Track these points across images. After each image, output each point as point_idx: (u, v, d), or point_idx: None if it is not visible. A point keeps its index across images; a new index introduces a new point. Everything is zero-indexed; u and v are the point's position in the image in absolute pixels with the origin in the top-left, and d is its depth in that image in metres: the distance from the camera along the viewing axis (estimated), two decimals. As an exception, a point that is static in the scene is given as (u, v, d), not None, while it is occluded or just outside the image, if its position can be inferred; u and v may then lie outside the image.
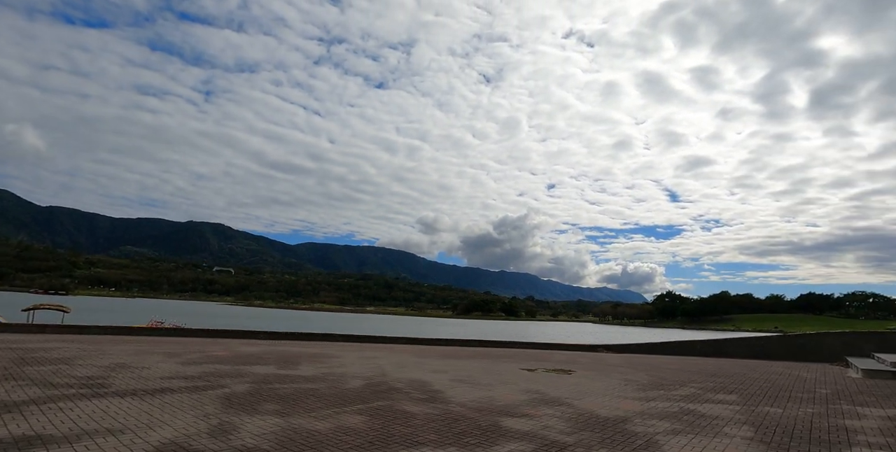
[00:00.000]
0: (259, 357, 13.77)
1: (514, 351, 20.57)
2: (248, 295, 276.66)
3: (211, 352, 14.23)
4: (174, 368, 10.68)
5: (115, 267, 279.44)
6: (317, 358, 14.16)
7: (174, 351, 13.91)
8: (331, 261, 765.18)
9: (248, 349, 15.87)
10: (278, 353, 14.97)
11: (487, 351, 19.98)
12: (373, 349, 18.30)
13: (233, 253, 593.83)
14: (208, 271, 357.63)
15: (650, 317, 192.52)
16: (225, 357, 13.37)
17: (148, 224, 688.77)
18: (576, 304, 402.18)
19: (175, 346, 15.49)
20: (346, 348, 18.17)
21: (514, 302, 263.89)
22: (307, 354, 15.18)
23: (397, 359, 15.08)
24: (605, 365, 16.08)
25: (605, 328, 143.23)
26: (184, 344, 16.74)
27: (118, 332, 17.94)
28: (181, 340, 18.01)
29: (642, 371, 14.61)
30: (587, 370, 14.57)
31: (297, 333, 20.66)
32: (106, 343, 15.29)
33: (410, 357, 16.25)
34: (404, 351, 18.16)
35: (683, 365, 16.91)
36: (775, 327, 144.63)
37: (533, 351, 20.91)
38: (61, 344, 14.19)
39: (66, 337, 16.28)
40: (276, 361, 12.94)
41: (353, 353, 16.25)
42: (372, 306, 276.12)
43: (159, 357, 12.53)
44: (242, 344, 17.97)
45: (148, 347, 14.73)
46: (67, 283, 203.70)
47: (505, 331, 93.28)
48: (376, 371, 12.13)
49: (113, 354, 12.45)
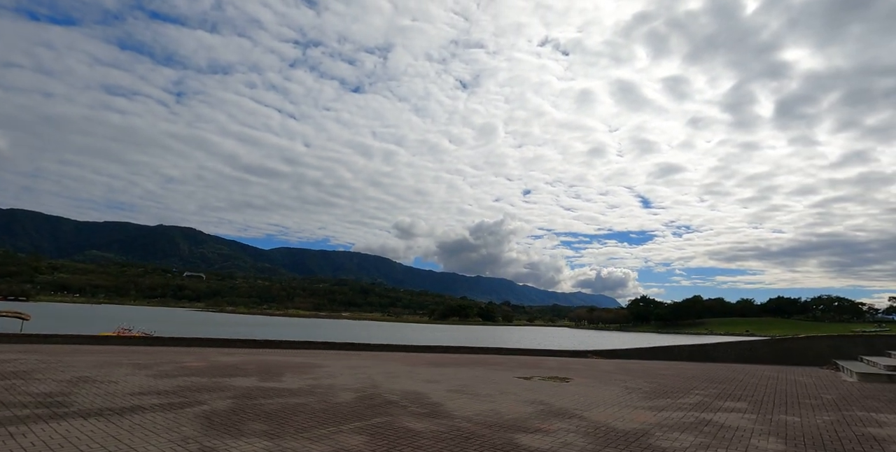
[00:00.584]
0: (238, 367, 12.85)
1: (503, 358, 19.99)
2: (219, 300, 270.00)
3: (185, 363, 13.25)
4: (145, 382, 9.74)
5: (79, 273, 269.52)
6: (301, 369, 13.31)
7: (144, 363, 12.89)
8: (305, 266, 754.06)
9: (225, 359, 14.90)
10: (259, 363, 14.05)
11: (476, 359, 19.34)
12: (359, 357, 17.48)
13: (204, 257, 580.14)
14: (178, 276, 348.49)
15: (625, 321, 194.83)
16: (201, 368, 12.43)
17: (115, 228, 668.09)
18: (551, 309, 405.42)
19: (145, 357, 14.42)
20: (331, 356, 17.31)
21: (490, 308, 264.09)
22: (290, 364, 14.30)
23: (386, 368, 14.33)
24: (600, 372, 15.62)
25: (582, 332, 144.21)
26: (154, 354, 15.65)
27: (83, 341, 16.71)
28: (152, 350, 16.88)
29: (639, 377, 14.18)
30: (584, 377, 14.07)
31: (276, 341, 19.67)
32: (68, 354, 14.13)
33: (399, 365, 15.51)
34: (392, 360, 17.39)
35: (677, 370, 16.57)
36: (746, 330, 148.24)
37: (522, 358, 20.36)
38: (17, 355, 13.01)
39: (24, 347, 15.02)
40: (257, 372, 12.06)
41: (338, 362, 15.43)
42: (347, 312, 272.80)
43: (128, 369, 11.52)
44: (219, 353, 16.94)
45: (115, 358, 13.65)
46: (28, 289, 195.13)
47: (486, 337, 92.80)
48: (367, 382, 11.38)
49: (76, 366, 11.40)
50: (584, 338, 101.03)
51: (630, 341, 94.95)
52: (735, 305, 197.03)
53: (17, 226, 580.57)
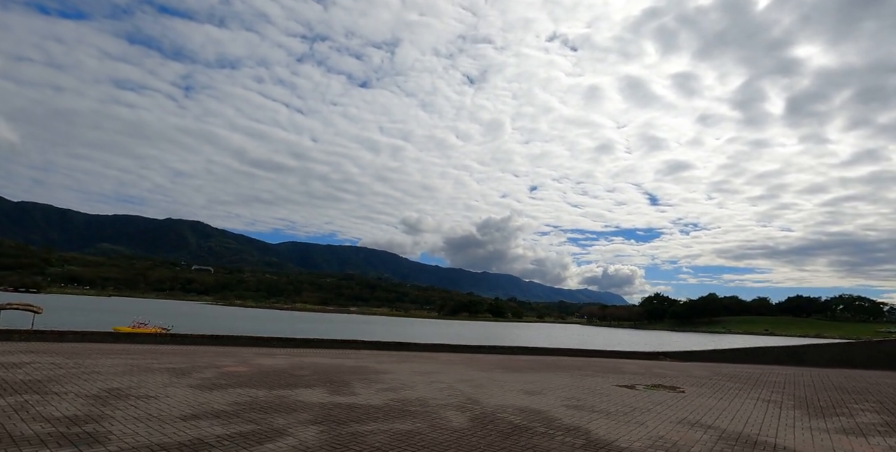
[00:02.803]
0: (290, 373, 10.72)
1: (570, 361, 17.79)
2: (227, 294, 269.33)
3: (225, 367, 11.13)
4: (192, 396, 7.61)
5: (90, 265, 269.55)
6: (363, 375, 11.17)
7: (179, 367, 10.77)
8: (312, 261, 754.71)
9: (267, 361, 12.77)
10: (310, 368, 11.92)
11: (543, 361, 17.16)
12: (416, 359, 15.33)
13: (212, 251, 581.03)
14: (187, 270, 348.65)
15: (638, 319, 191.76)
16: (247, 374, 10.31)
17: (125, 221, 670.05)
18: (558, 305, 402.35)
19: (176, 359, 12.32)
20: (384, 358, 15.17)
21: (499, 304, 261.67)
22: (346, 368, 12.15)
23: (459, 375, 12.17)
24: (701, 378, 13.40)
25: (599, 330, 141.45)
26: (184, 354, 13.55)
27: (100, 339, 14.68)
28: (179, 350, 14.79)
29: (759, 386, 11.94)
30: (692, 385, 11.88)
31: (314, 340, 17.55)
32: (88, 355, 12.05)
33: (469, 369, 13.36)
34: (453, 361, 15.25)
35: (785, 376, 14.28)
36: (766, 329, 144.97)
37: (593, 360, 18.14)
38: (30, 357, 10.93)
39: (38, 346, 12.98)
40: (317, 381, 9.92)
41: (399, 366, 13.28)
42: (355, 306, 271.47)
43: (163, 376, 9.41)
44: (255, 353, 14.83)
45: (143, 360, 11.56)
46: (40, 281, 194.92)
47: (510, 335, 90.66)
48: (456, 394, 9.23)
49: (100, 373, 9.30)
50: (608, 337, 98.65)
51: (650, 340, 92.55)
52: (751, 304, 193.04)
53: (29, 218, 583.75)
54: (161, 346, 14.72)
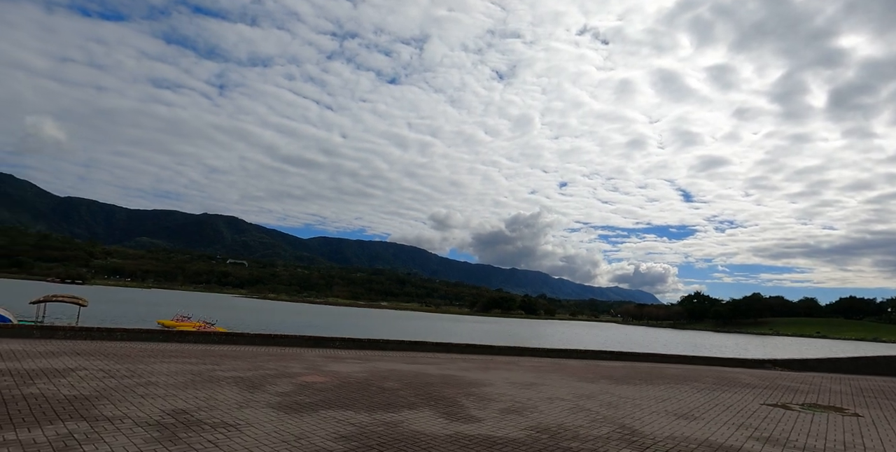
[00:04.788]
0: (378, 386, 8.83)
1: (674, 369, 15.47)
2: (261, 287, 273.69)
3: (299, 376, 9.33)
4: (279, 424, 5.76)
5: (131, 258, 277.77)
6: (463, 388, 9.20)
7: (246, 375, 9.01)
8: (342, 256, 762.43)
9: (342, 368, 10.94)
10: (394, 377, 10.03)
11: (639, 368, 14.91)
12: (500, 365, 13.31)
13: (246, 245, 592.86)
14: (222, 263, 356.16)
15: (677, 319, 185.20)
16: (328, 386, 8.46)
17: (163, 216, 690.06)
18: (588, 303, 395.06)
19: (239, 364, 10.60)
20: (463, 364, 13.19)
21: (531, 301, 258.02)
22: (436, 378, 10.21)
23: (567, 386, 10.10)
24: (853, 396, 10.95)
25: (644, 330, 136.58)
26: (245, 357, 11.86)
27: (150, 337, 13.17)
28: (236, 351, 13.14)
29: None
30: (860, 407, 9.49)
31: (379, 341, 15.73)
32: (141, 357, 10.44)
33: (570, 379, 11.28)
34: (541, 368, 13.19)
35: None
36: (817, 332, 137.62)
37: (692, 368, 15.79)
38: (77, 360, 9.35)
39: (83, 345, 11.49)
40: (416, 397, 7.99)
41: (489, 375, 11.28)
42: (385, 301, 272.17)
43: (233, 389, 7.63)
44: (320, 356, 13.05)
45: (203, 365, 9.86)
46: (84, 273, 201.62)
47: (557, 333, 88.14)
48: (597, 418, 7.16)
49: (159, 384, 7.57)
50: (657, 338, 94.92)
51: (699, 341, 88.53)
52: (797, 304, 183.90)
53: (75, 213, 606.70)
54: (215, 346, 13.11)
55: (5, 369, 7.74)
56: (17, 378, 7.11)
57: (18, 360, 8.66)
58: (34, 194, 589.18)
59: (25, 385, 6.70)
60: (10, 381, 6.87)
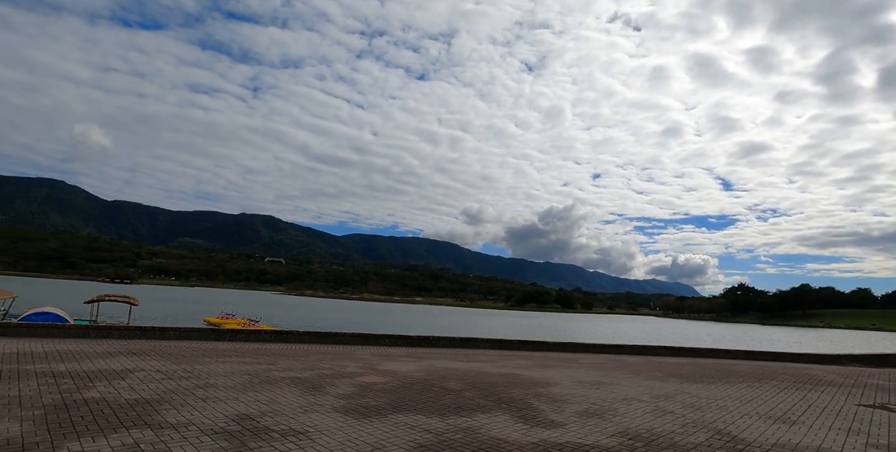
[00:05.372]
0: (441, 387, 8.34)
1: (743, 365, 14.48)
2: (298, 284, 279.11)
3: (357, 375, 8.94)
4: (350, 430, 5.33)
5: (174, 258, 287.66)
6: (531, 388, 8.62)
7: (303, 376, 8.67)
8: (376, 252, 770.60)
9: (398, 367, 10.52)
10: (454, 376, 9.53)
11: (704, 364, 14.00)
12: (559, 363, 12.64)
13: (282, 244, 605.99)
14: (260, 261, 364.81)
15: (720, 311, 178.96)
16: (389, 387, 8.02)
17: (203, 216, 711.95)
18: (625, 296, 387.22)
19: (293, 362, 10.30)
20: (521, 361, 12.59)
21: (567, 294, 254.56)
22: (499, 378, 9.66)
23: (639, 385, 9.37)
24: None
25: (688, 324, 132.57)
26: (298, 356, 11.58)
27: (202, 336, 13.10)
28: (288, 349, 12.92)
29: None
30: None
31: (430, 338, 15.29)
32: (194, 356, 10.26)
33: (639, 377, 10.53)
34: (604, 366, 12.46)
35: None
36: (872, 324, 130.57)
37: (761, 364, 14.74)
38: (134, 360, 9.20)
39: (138, 345, 11.44)
40: (485, 398, 7.44)
41: (552, 373, 10.65)
42: (420, 296, 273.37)
43: (293, 391, 7.26)
44: (373, 355, 12.68)
45: (257, 365, 9.59)
46: (132, 273, 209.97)
47: (603, 327, 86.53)
48: (685, 423, 6.48)
49: (218, 386, 7.27)
50: (703, 331, 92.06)
51: (741, 334, 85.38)
52: (849, 295, 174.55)
53: (122, 216, 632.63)
54: (267, 345, 12.92)
55: (65, 371, 7.59)
56: (77, 381, 6.92)
57: (77, 361, 8.55)
58: (84, 199, 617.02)
59: (86, 389, 6.48)
60: (71, 384, 6.67)
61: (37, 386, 6.40)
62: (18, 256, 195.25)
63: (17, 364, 7.96)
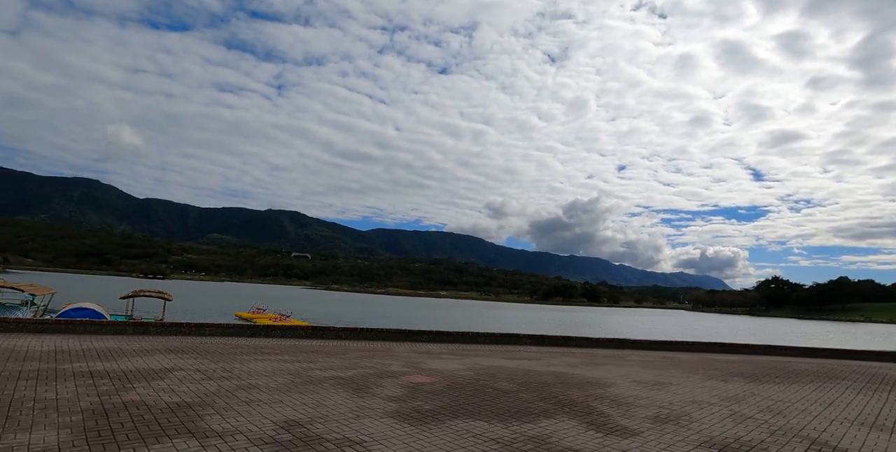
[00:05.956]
0: (494, 388, 7.78)
1: (798, 363, 13.58)
2: (325, 279, 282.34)
3: (402, 375, 8.45)
4: (409, 439, 4.82)
5: (204, 254, 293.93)
6: (589, 390, 7.99)
7: (346, 375, 8.22)
8: (400, 247, 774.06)
9: (443, 366, 10.00)
10: (503, 375, 8.96)
11: (760, 362, 13.15)
12: (608, 360, 11.96)
13: (308, 239, 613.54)
14: (287, 256, 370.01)
15: (753, 305, 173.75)
16: (439, 388, 7.49)
17: (231, 213, 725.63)
18: (652, 290, 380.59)
19: (333, 360, 9.88)
20: (567, 358, 11.95)
21: (593, 288, 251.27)
22: (550, 377, 9.05)
23: (700, 385, 8.65)
24: None
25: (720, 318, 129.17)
26: (336, 353, 11.18)
27: (238, 332, 12.83)
28: (326, 346, 12.55)
29: None
30: None
31: (468, 333, 14.74)
32: (232, 354, 9.93)
33: (696, 376, 9.78)
34: (655, 364, 11.73)
35: None
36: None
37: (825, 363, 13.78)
38: (172, 358, 8.89)
39: (175, 342, 11.20)
40: (541, 398, 6.85)
41: (604, 372, 9.98)
42: (444, 291, 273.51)
43: (339, 392, 6.80)
44: (413, 352, 12.21)
45: (297, 363, 9.19)
46: (164, 268, 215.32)
47: (635, 323, 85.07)
48: (773, 430, 5.83)
49: (260, 387, 6.85)
50: (739, 325, 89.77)
51: (780, 329, 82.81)
52: (892, 288, 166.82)
53: (153, 213, 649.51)
54: (303, 341, 12.58)
55: (103, 370, 7.28)
56: (116, 382, 6.58)
57: (115, 359, 8.27)
58: (117, 197, 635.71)
59: (125, 390, 6.13)
60: (110, 385, 6.32)
61: (74, 388, 6.07)
62: (57, 253, 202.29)
63: (55, 363, 7.71)
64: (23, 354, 8.31)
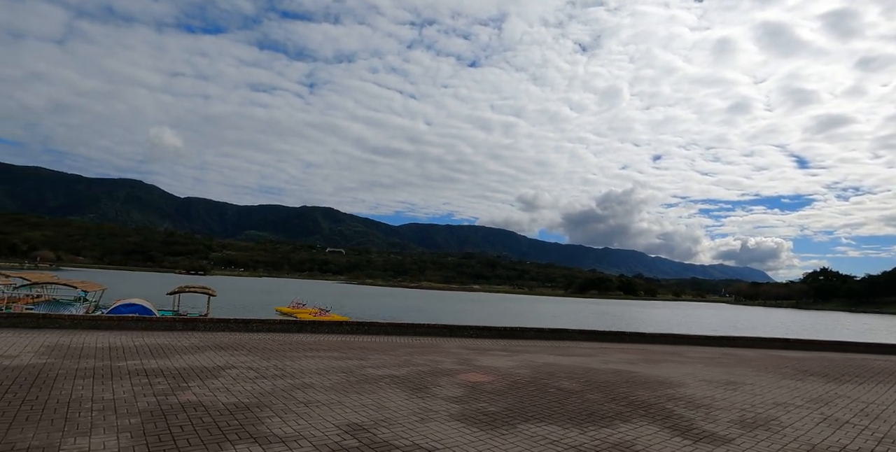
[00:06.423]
0: (553, 385, 7.32)
1: (872, 360, 12.62)
2: (359, 273, 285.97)
3: (457, 373, 8.09)
4: (488, 447, 4.42)
5: (242, 250, 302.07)
6: (658, 390, 7.44)
7: (400, 373, 7.91)
8: (433, 241, 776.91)
9: (496, 363, 9.60)
10: (562, 373, 8.48)
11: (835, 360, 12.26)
12: (667, 357, 11.32)
13: (342, 234, 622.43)
14: (322, 252, 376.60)
15: (800, 298, 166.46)
16: (499, 388, 7.09)
17: (267, 210, 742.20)
18: (690, 282, 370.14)
19: (384, 357, 9.61)
20: (622, 355, 11.36)
21: (630, 281, 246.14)
22: (611, 375, 8.52)
23: (786, 389, 7.97)
24: None
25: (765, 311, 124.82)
26: (385, 349, 10.92)
27: (285, 328, 12.76)
28: (374, 342, 12.33)
29: None
30: None
31: (516, 329, 14.31)
32: (282, 350, 9.78)
33: (779, 378, 9.07)
34: (720, 361, 11.02)
35: None
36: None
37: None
38: (223, 356, 8.77)
39: (224, 338, 11.16)
40: (609, 399, 6.37)
41: (667, 370, 9.38)
42: (477, 284, 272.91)
43: (396, 392, 6.47)
44: (464, 348, 11.85)
45: (348, 360, 8.95)
46: (205, 264, 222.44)
47: (673, 316, 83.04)
48: None
49: (315, 386, 6.60)
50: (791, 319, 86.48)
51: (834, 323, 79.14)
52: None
53: (194, 211, 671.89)
54: (350, 337, 12.40)
55: (157, 368, 7.18)
56: (171, 380, 6.44)
57: (167, 357, 8.20)
58: (160, 196, 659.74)
59: (181, 390, 5.96)
60: (165, 384, 6.18)
61: (130, 387, 5.94)
62: (105, 251, 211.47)
63: (110, 360, 7.66)
64: (78, 351, 8.34)
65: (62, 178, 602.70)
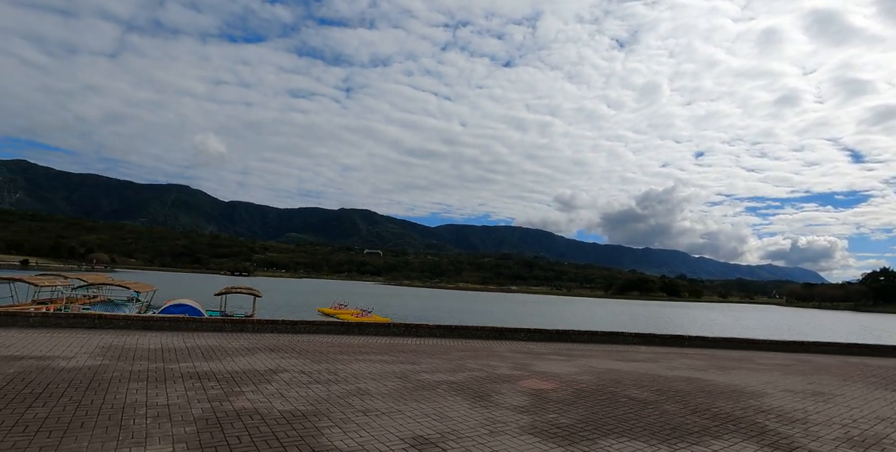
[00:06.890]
0: (622, 394, 6.74)
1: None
2: (396, 275, 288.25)
3: (516, 379, 7.60)
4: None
5: (284, 252, 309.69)
6: (741, 401, 6.75)
7: (457, 379, 7.49)
8: (469, 242, 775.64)
9: (554, 368, 9.06)
10: (628, 380, 7.87)
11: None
12: (732, 362, 10.50)
13: (379, 236, 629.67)
14: (360, 253, 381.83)
15: (859, 300, 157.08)
16: (566, 397, 6.57)
17: (307, 213, 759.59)
18: (736, 283, 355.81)
19: (436, 361, 9.22)
20: (693, 361, 10.59)
21: (673, 281, 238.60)
22: (683, 383, 7.85)
23: (883, 401, 7.10)
24: None
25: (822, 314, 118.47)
26: (435, 352, 10.54)
27: (332, 330, 12.57)
28: (423, 345, 11.98)
29: None
30: None
31: (569, 332, 13.67)
32: (331, 353, 9.53)
33: (869, 388, 8.22)
34: (796, 368, 10.15)
35: None
36: None
37: None
38: (274, 358, 8.57)
39: (272, 340, 11.03)
40: (690, 412, 5.76)
41: (744, 377, 8.62)
42: (514, 285, 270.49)
43: (457, 400, 6.05)
44: (517, 351, 11.35)
45: (399, 364, 8.60)
46: (248, 266, 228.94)
47: (724, 319, 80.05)
48: None
49: (371, 392, 6.25)
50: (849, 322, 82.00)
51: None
52: None
53: (237, 214, 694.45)
54: (397, 339, 12.09)
55: (209, 371, 7.00)
56: (224, 385, 6.22)
57: (219, 359, 8.05)
58: (205, 200, 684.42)
59: (234, 395, 5.72)
60: (218, 389, 5.95)
61: (184, 391, 5.74)
62: (156, 253, 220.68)
63: (162, 362, 7.56)
64: (132, 352, 8.30)
65: (115, 185, 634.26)
